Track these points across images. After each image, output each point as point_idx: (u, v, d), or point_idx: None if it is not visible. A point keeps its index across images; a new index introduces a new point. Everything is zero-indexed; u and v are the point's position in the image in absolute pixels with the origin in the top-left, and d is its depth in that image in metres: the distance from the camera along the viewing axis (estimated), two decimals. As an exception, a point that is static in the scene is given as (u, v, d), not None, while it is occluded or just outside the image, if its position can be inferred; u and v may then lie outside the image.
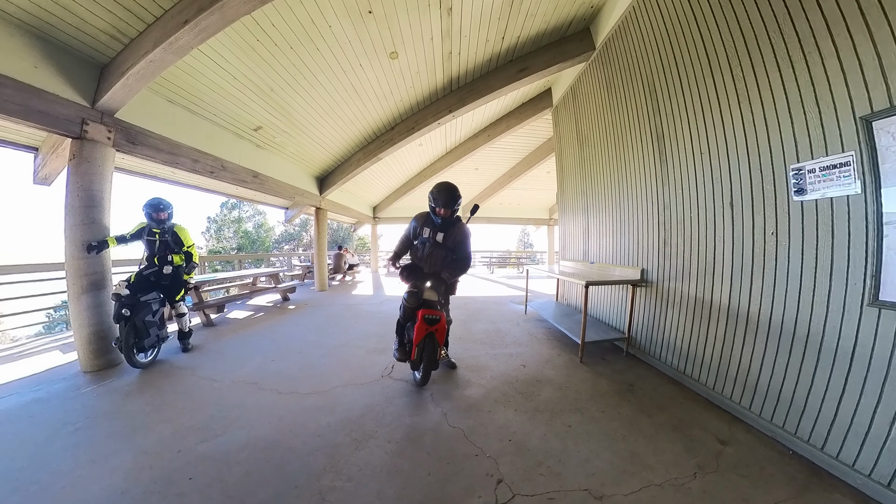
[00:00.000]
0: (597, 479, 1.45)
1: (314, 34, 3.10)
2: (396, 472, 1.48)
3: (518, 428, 1.84)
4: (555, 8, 3.38)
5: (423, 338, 2.12)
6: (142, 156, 3.20)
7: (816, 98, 1.53)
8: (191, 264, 3.10)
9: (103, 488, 1.38)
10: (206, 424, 1.86)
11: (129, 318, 2.53)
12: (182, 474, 1.47)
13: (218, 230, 20.32)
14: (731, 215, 2.03)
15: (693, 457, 1.59)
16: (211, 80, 3.32)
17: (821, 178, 1.53)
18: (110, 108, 2.72)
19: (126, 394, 2.24)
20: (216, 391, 2.29)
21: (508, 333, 3.68)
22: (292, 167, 5.88)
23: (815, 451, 1.54)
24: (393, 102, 4.60)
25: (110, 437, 1.74)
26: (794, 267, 1.67)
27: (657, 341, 2.69)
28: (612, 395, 2.23)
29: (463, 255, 2.33)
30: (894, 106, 1.26)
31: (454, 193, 2.24)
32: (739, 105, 1.93)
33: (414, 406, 2.07)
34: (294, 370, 2.66)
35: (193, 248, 3.13)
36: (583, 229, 4.10)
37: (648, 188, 2.81)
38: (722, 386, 2.07)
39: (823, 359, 1.54)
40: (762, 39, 1.76)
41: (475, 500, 1.33)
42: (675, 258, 2.52)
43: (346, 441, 1.70)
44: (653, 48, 2.66)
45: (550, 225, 12.18)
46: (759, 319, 1.85)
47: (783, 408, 1.71)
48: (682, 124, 2.40)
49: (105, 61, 2.68)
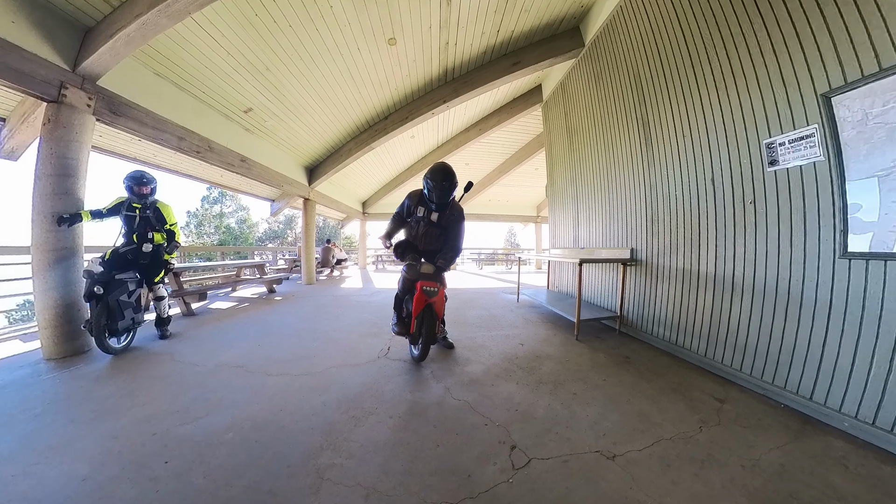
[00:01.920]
0: (608, 439, 1.47)
1: (315, 14, 3.05)
2: (402, 445, 1.42)
3: (523, 399, 1.83)
4: (548, 5, 3.51)
5: (422, 310, 2.11)
6: (125, 128, 3.00)
7: (783, 79, 1.71)
8: (172, 243, 2.89)
9: (61, 475, 1.23)
10: (187, 407, 1.71)
11: (102, 297, 2.32)
12: (157, 458, 1.32)
13: (199, 225, 19.35)
14: (713, 190, 2.17)
15: (695, 413, 1.65)
16: (203, 54, 3.19)
17: (790, 150, 1.69)
18: (93, 72, 2.55)
19: (95, 379, 2.04)
20: (198, 375, 2.12)
21: (503, 318, 3.69)
22: (281, 154, 5.71)
23: (805, 401, 1.64)
24: (388, 91, 4.59)
25: (73, 423, 1.57)
26: (771, 230, 1.81)
27: (649, 317, 2.79)
28: (610, 366, 2.28)
29: (455, 241, 2.30)
30: (849, 83, 1.43)
31: (452, 184, 2.17)
32: (717, 90, 2.11)
33: (414, 383, 2.02)
34: (284, 354, 2.52)
35: (177, 226, 2.94)
36: (573, 217, 4.22)
37: (636, 171, 2.94)
38: (713, 352, 2.17)
39: (804, 313, 1.65)
40: (735, 31, 1.95)
41: (491, 466, 1.29)
42: (662, 235, 2.64)
43: (344, 419, 1.61)
44: (638, 43, 2.83)
45: (537, 222, 12.46)
46: (744, 283, 1.97)
47: (772, 365, 1.81)
48: (666, 111, 2.56)
49: (90, 24, 2.52)
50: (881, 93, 1.34)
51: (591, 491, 1.15)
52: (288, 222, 21.95)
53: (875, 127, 1.37)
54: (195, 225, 19.38)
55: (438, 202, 2.21)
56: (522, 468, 1.28)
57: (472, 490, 1.17)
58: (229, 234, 19.70)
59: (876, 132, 1.37)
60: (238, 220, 20.65)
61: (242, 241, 20.15)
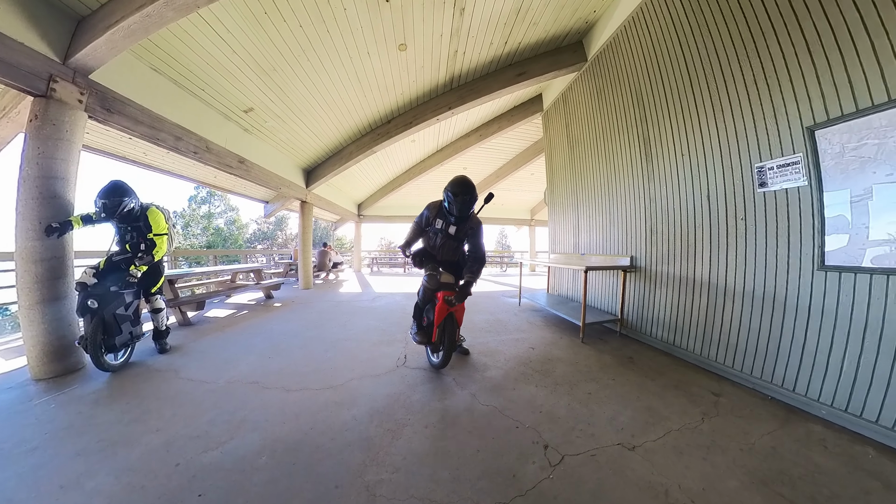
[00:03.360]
0: (626, 432, 1.63)
1: (328, 15, 3.05)
2: (444, 454, 1.44)
3: (544, 400, 1.95)
4: (555, 20, 3.68)
5: (444, 318, 2.18)
6: (119, 127, 2.86)
7: (774, 109, 1.94)
8: (147, 257, 2.55)
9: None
10: (206, 431, 1.60)
11: (97, 311, 2.17)
12: (189, 493, 1.21)
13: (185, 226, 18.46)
14: (709, 205, 2.40)
15: (697, 406, 1.86)
16: (206, 50, 3.11)
17: (778, 174, 1.93)
18: (86, 66, 2.40)
19: (95, 402, 1.88)
20: (210, 393, 2.01)
21: (508, 322, 3.85)
22: (280, 156, 5.62)
23: (789, 392, 1.89)
24: (394, 95, 4.63)
25: (80, 455, 1.41)
26: (759, 244, 2.05)
27: (648, 320, 3.02)
28: (616, 366, 2.47)
29: (478, 251, 2.32)
30: (831, 119, 1.67)
31: (472, 198, 2.21)
32: (714, 115, 2.33)
33: (440, 391, 2.05)
34: (298, 366, 2.47)
35: (162, 238, 2.64)
36: (573, 224, 4.44)
37: (636, 184, 3.17)
38: (708, 351, 2.41)
39: (787, 316, 1.90)
40: (732, 60, 2.17)
41: (531, 465, 1.38)
42: (661, 244, 2.88)
43: (380, 432, 1.60)
44: (641, 64, 3.04)
45: (532, 225, 12.78)
46: (735, 289, 2.21)
47: (759, 362, 2.05)
48: (666, 130, 2.78)
49: (84, 13, 2.37)
50: (857, 130, 1.57)
51: (621, 480, 1.31)
52: (279, 223, 21.30)
53: (850, 160, 1.61)
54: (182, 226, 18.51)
55: (459, 215, 2.23)
56: (558, 464, 1.39)
57: (520, 488, 1.26)
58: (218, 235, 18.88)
59: (851, 164, 1.61)
60: (227, 221, 19.86)
61: (232, 243, 19.38)
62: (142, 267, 2.56)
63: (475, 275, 2.26)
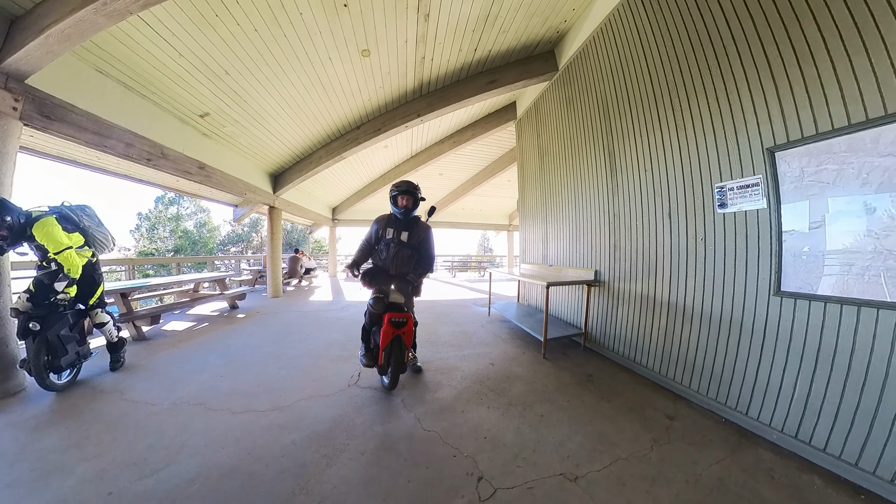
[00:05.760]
0: (571, 461, 1.54)
1: (283, 20, 2.91)
2: (374, 483, 1.41)
3: (493, 424, 1.87)
4: (525, 27, 3.65)
5: (391, 341, 2.08)
6: (60, 135, 2.64)
7: (735, 127, 1.89)
8: (66, 280, 2.19)
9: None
10: (144, 457, 1.57)
11: (40, 333, 2.10)
12: None
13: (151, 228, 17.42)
14: (670, 224, 2.36)
15: (649, 432, 1.79)
16: (152, 53, 2.90)
17: (738, 195, 1.87)
18: (20, 70, 2.22)
19: (33, 428, 1.80)
20: (154, 416, 1.94)
21: (474, 335, 3.74)
22: (244, 161, 5.36)
23: (741, 415, 1.83)
24: (361, 101, 4.49)
25: (11, 487, 1.38)
26: (718, 266, 2.00)
27: (610, 335, 2.96)
28: (574, 385, 2.39)
29: (427, 255, 2.37)
30: (790, 141, 1.61)
31: (412, 183, 2.33)
32: (677, 130, 2.29)
33: (385, 413, 1.99)
34: (249, 386, 2.37)
35: (68, 254, 2.18)
36: (542, 234, 4.39)
37: (601, 198, 3.13)
38: (667, 369, 2.35)
39: (743, 339, 1.85)
40: (695, 76, 2.13)
41: (459, 500, 1.32)
42: (623, 261, 2.83)
43: (315, 458, 1.57)
44: (607, 75, 3.02)
45: (510, 230, 12.82)
46: (693, 310, 2.16)
47: (715, 383, 2.00)
48: (630, 144, 2.74)
49: (17, 13, 2.18)
50: (816, 154, 1.51)
51: (555, 518, 1.20)
52: (253, 225, 20.50)
53: (809, 184, 1.54)
54: (147, 228, 17.47)
55: (405, 210, 2.26)
56: (489, 499, 1.32)
57: (441, 528, 1.17)
58: (187, 238, 17.94)
59: (810, 189, 1.54)
60: (197, 224, 18.91)
61: (202, 247, 18.48)
62: (69, 290, 2.24)
63: (419, 275, 2.32)
